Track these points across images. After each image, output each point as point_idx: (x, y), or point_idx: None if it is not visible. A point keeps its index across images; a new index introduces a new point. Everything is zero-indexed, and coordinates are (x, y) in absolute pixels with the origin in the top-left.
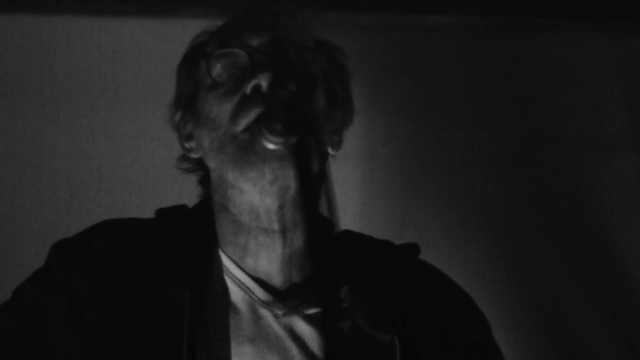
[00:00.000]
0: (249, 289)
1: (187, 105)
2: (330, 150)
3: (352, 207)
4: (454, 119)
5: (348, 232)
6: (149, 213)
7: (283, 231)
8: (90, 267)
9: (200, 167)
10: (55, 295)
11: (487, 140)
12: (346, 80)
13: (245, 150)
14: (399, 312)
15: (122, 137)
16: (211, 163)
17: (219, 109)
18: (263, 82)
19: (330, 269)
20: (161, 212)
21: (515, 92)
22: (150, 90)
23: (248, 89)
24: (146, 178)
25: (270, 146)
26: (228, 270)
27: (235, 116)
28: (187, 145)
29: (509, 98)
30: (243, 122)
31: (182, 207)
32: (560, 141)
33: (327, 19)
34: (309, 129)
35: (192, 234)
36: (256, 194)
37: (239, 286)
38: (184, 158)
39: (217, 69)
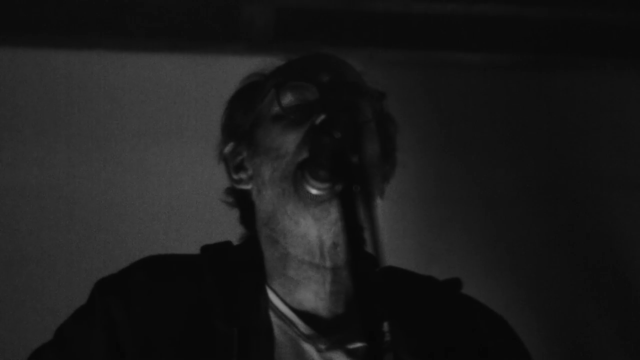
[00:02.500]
0: (292, 323)
1: (242, 136)
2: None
3: None
4: (482, 158)
5: (391, 268)
6: (178, 245)
7: (334, 268)
8: (133, 304)
9: (245, 201)
10: (96, 333)
11: (516, 179)
12: (394, 133)
13: None
14: (440, 344)
15: (153, 172)
16: (267, 193)
17: (284, 138)
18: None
19: (374, 305)
20: (206, 249)
21: (546, 130)
22: (180, 126)
23: (317, 120)
24: (176, 212)
25: (314, 191)
26: (273, 304)
27: (303, 145)
28: (236, 176)
29: (539, 137)
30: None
31: (227, 244)
32: (591, 180)
33: (357, 56)
34: (355, 177)
35: (239, 270)
36: (314, 229)
37: (283, 320)
38: (230, 191)
39: (287, 99)
